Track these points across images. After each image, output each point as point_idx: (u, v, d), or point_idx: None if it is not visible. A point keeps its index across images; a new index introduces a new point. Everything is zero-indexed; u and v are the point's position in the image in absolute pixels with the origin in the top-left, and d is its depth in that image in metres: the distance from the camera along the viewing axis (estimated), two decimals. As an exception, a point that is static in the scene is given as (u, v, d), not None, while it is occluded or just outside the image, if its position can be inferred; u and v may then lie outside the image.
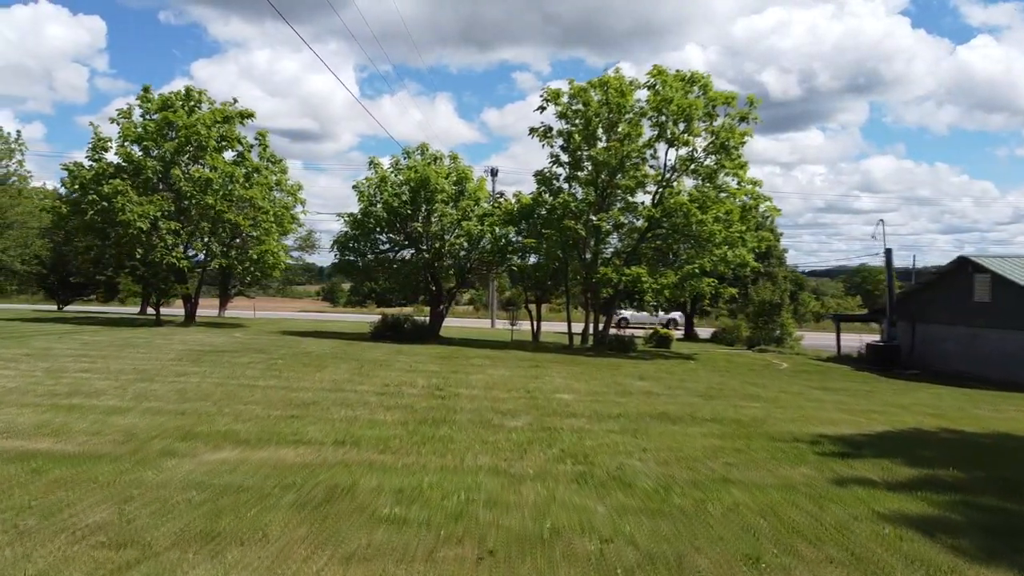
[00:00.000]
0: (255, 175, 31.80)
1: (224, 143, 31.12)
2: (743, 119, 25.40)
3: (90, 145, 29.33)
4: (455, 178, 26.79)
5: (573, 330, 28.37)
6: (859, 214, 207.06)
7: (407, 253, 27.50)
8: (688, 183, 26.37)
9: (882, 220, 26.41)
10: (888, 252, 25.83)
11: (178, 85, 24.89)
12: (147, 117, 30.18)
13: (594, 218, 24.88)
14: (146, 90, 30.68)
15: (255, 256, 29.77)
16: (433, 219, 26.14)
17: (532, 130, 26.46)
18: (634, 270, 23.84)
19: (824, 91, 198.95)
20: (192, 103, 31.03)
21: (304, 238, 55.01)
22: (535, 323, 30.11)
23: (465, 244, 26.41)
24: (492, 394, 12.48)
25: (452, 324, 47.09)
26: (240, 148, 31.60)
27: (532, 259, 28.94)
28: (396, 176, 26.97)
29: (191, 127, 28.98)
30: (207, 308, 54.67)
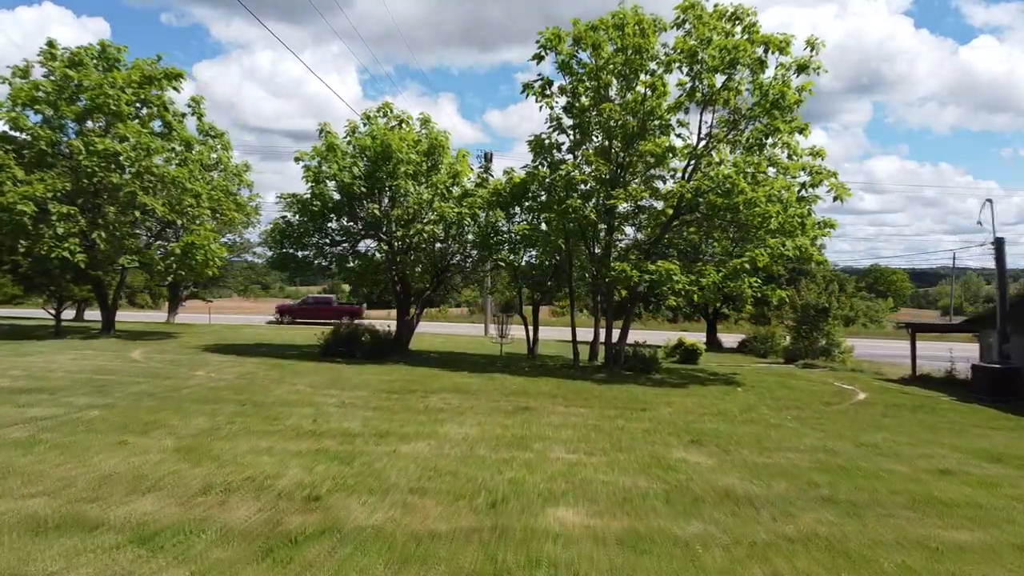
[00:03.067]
0: (187, 151, 25.74)
1: (144, 110, 25.06)
2: (801, 69, 19.23)
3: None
4: (426, 146, 20.61)
5: (579, 338, 22.22)
6: (863, 215, 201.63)
7: (366, 246, 21.44)
8: (727, 156, 20.20)
9: (990, 200, 20.09)
10: (999, 242, 19.55)
11: (185, 88, 17.42)
12: (50, 77, 24.11)
13: (613, 192, 18.73)
14: (51, 44, 24.59)
15: (177, 250, 23.67)
16: (398, 199, 20.02)
17: (526, 87, 20.31)
18: (661, 265, 17.71)
19: (827, 91, 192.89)
20: (109, 61, 24.98)
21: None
22: (532, 332, 23.93)
23: (439, 232, 20.26)
24: (416, 510, 6.09)
25: (440, 331, 41.04)
26: (167, 117, 25.52)
27: (527, 255, 22.90)
28: (350, 146, 20.80)
29: (98, 88, 22.94)
30: (156, 312, 48.95)
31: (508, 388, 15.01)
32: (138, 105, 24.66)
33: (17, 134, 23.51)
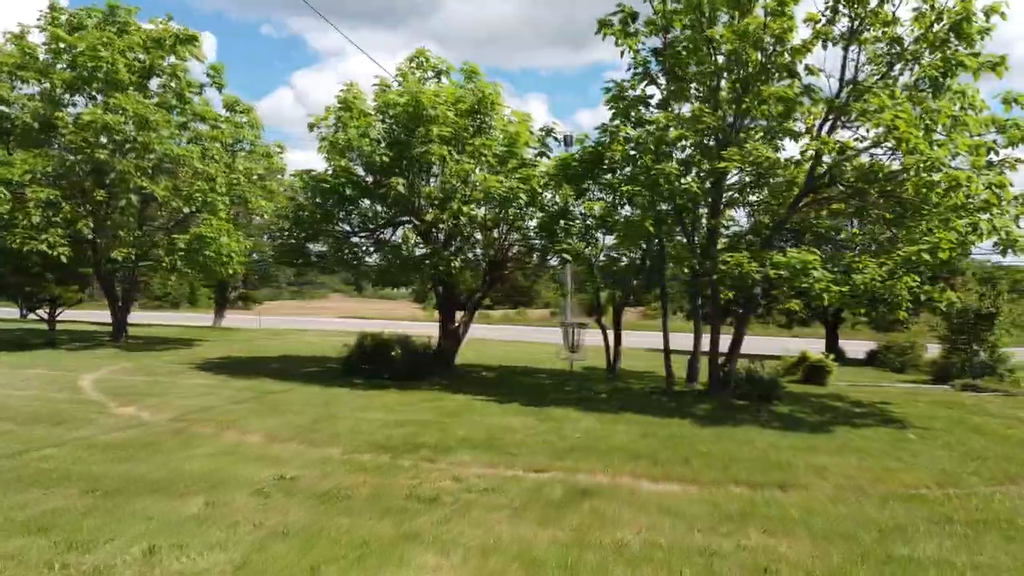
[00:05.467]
0: (201, 126, 21.86)
1: (155, 82, 21.27)
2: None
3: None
4: (470, 104, 15.72)
5: (673, 346, 16.85)
6: None
7: (393, 234, 16.72)
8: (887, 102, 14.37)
9: None
10: None
11: (283, 96, 13.40)
12: (48, 45, 20.65)
13: (723, 154, 13.39)
14: (53, 7, 21.13)
15: (183, 244, 19.69)
16: (432, 172, 15.24)
17: (602, 25, 15.10)
18: (795, 256, 12.25)
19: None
20: (118, 25, 21.29)
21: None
22: (612, 344, 18.70)
23: (484, 215, 15.36)
24: None
25: (513, 336, 36.28)
26: (180, 88, 21.69)
27: (605, 245, 17.87)
28: (376, 110, 16.09)
29: (91, 52, 19.21)
30: (204, 315, 46.01)
31: (568, 439, 9.97)
32: (143, 73, 20.90)
33: (5, 109, 20.10)
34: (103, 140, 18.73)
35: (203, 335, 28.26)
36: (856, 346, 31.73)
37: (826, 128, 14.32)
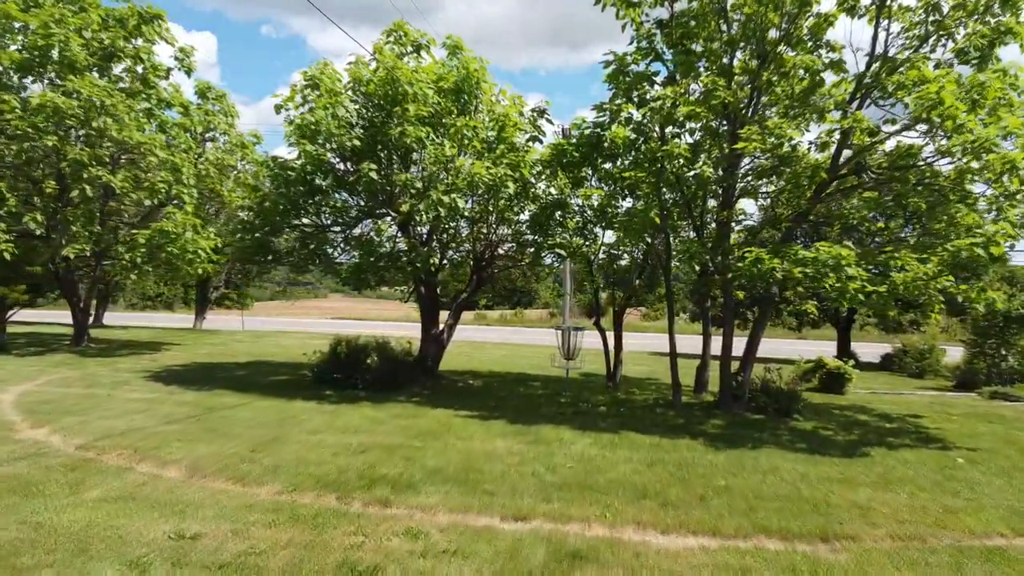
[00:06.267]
0: (170, 113, 20.16)
1: (113, 61, 19.55)
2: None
3: None
4: (453, 82, 13.99)
5: (679, 349, 15.14)
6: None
7: (364, 227, 14.90)
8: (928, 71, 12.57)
9: None
10: None
11: (283, 95, 11.34)
12: None
13: (740, 133, 11.67)
14: (9, -14, 19.38)
15: (142, 240, 17.97)
16: (414, 159, 13.52)
17: (599, -7, 13.40)
18: (827, 250, 10.53)
19: None
20: (78, 3, 19.55)
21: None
22: (612, 349, 16.95)
23: (466, 206, 13.62)
24: None
25: (510, 339, 34.52)
26: (145, 71, 19.98)
27: (605, 241, 16.18)
28: (349, 89, 14.32)
29: (45, 29, 17.52)
30: (183, 316, 44.18)
31: (559, 469, 8.27)
32: (107, 56, 19.17)
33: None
34: (55, 126, 17.00)
35: (178, 338, 26.59)
36: (865, 349, 30.03)
37: (853, 107, 12.62)
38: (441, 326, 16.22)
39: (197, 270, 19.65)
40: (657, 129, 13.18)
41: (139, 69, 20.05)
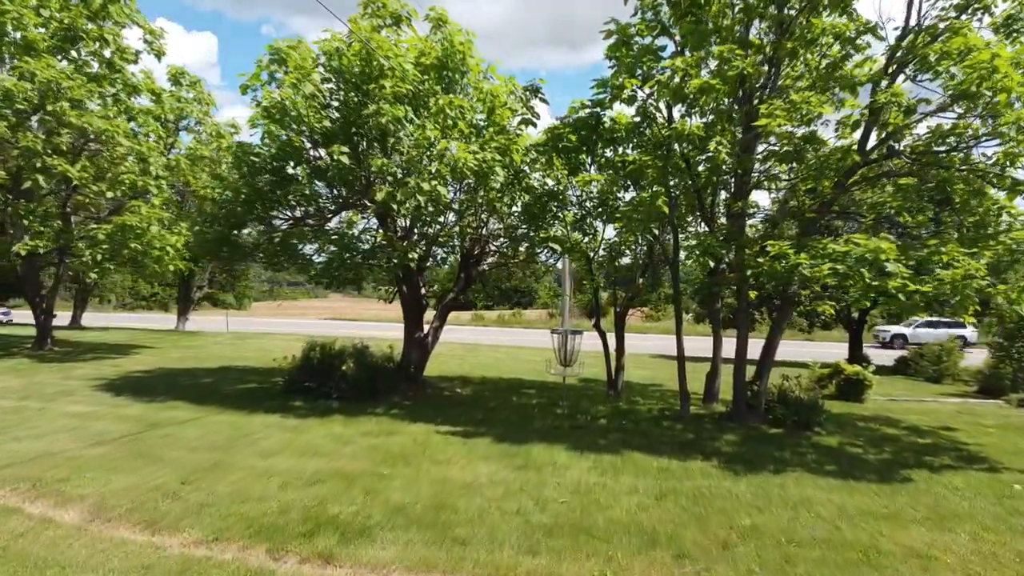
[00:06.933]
0: (142, 101, 18.75)
1: (77, 43, 18.12)
2: None
3: None
4: (436, 57, 12.53)
5: (686, 351, 13.66)
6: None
7: (340, 220, 13.40)
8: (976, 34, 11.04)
9: None
10: None
11: None
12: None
13: (761, 108, 10.23)
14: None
15: (101, 235, 16.54)
16: (387, 140, 12.05)
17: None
18: (864, 242, 9.07)
19: None
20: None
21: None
22: (614, 353, 15.49)
23: (455, 197, 12.16)
24: None
25: (506, 340, 32.89)
26: (109, 54, 18.55)
27: (604, 234, 14.76)
28: (322, 66, 12.83)
29: (-2, 6, 16.10)
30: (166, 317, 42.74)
31: (549, 506, 6.84)
32: (69, 38, 17.74)
33: None
34: (6, 111, 15.59)
35: (155, 340, 25.16)
36: (874, 351, 28.62)
37: (883, 85, 11.17)
38: (426, 328, 14.80)
39: (167, 268, 18.21)
40: (664, 110, 11.77)
41: (106, 53, 18.64)
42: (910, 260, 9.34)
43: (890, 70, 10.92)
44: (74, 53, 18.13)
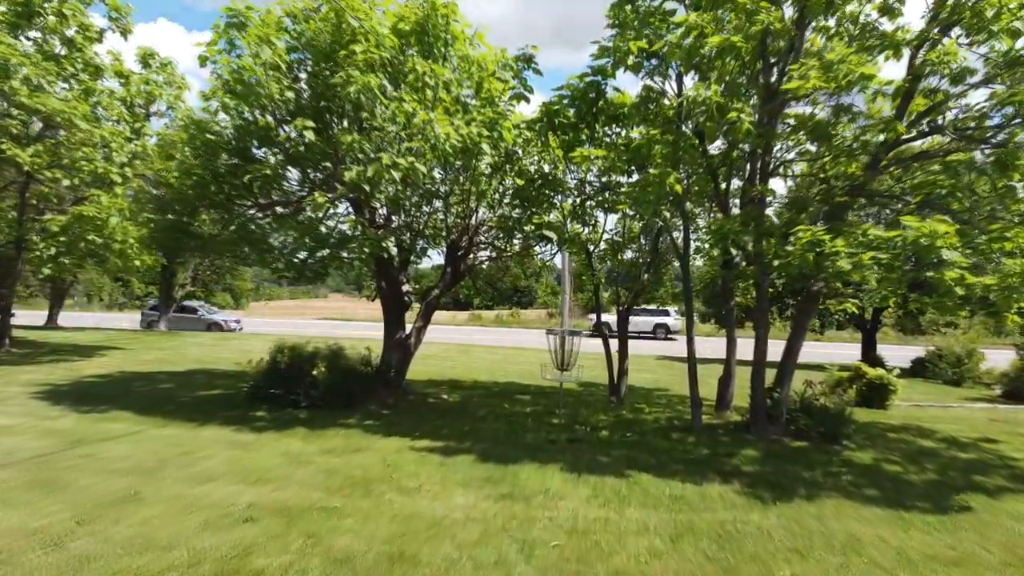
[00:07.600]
0: (108, 83, 17.34)
1: (33, 17, 16.69)
2: None
3: None
4: (415, 22, 11.05)
5: (698, 352, 12.22)
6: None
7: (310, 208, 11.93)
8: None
9: None
10: None
11: None
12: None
13: (789, 69, 8.81)
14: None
15: (55, 227, 15.12)
16: (364, 115, 10.60)
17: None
18: (917, 225, 7.65)
19: None
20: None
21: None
22: (616, 356, 14.05)
23: (428, 175, 10.67)
24: None
25: (503, 341, 31.39)
26: (71, 31, 17.13)
27: (610, 225, 13.35)
28: (286, 33, 11.36)
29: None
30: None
31: (538, 555, 5.34)
32: (25, 14, 16.30)
33: None
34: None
35: (129, 341, 23.73)
36: (887, 352, 27.12)
37: (923, 49, 9.71)
38: (408, 328, 13.36)
39: (132, 263, 16.76)
40: (674, 83, 10.37)
41: (68, 33, 17.21)
42: (968, 247, 7.89)
43: (932, 34, 9.45)
44: (33, 33, 16.73)
